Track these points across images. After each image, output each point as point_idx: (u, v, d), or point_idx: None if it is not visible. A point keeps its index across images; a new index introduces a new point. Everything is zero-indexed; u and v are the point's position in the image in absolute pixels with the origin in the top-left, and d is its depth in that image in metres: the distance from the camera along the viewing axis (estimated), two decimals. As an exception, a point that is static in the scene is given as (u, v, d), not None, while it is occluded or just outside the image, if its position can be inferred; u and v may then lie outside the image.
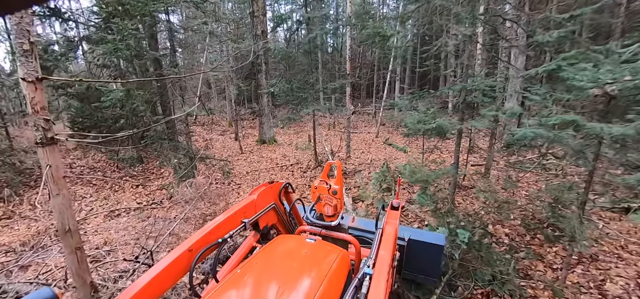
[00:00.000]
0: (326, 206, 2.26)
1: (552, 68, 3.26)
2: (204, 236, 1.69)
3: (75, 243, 1.95)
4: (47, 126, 1.67)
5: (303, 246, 1.86)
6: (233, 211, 1.94)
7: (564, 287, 3.04)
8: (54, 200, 1.81)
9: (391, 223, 2.17)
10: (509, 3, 5.57)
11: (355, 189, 6.22)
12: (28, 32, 1.54)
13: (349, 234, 2.30)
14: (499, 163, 7.56)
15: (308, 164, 7.92)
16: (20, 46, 1.52)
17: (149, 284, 1.36)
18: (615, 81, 2.36)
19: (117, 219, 5.55)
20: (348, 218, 2.98)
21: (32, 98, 1.63)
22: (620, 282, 3.19)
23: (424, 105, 6.22)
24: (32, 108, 1.65)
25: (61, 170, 1.78)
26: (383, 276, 1.45)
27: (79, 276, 2.01)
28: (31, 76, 1.60)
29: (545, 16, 4.15)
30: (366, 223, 3.05)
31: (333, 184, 2.23)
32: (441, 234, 3.03)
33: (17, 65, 1.72)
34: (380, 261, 1.60)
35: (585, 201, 2.70)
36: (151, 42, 7.42)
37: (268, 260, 1.72)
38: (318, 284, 1.45)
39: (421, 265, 2.88)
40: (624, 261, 3.55)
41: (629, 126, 2.06)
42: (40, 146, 1.68)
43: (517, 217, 4.43)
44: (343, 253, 1.82)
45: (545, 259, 3.63)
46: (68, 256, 1.94)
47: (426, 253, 2.81)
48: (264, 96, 10.17)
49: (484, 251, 3.55)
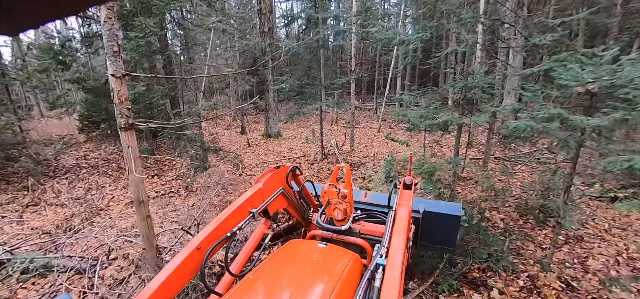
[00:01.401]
0: (336, 210, 2.25)
1: (545, 68, 3.64)
2: (211, 233, 1.66)
3: (146, 212, 2.30)
4: (128, 114, 2.03)
5: (315, 251, 1.85)
6: (240, 203, 1.92)
7: (551, 263, 3.44)
8: (132, 176, 2.17)
9: (404, 206, 2.13)
10: (507, 8, 5.90)
11: (361, 180, 6.59)
12: (117, 37, 1.89)
13: (360, 238, 2.30)
14: (495, 154, 7.95)
15: (315, 157, 8.30)
16: (111, 49, 1.86)
17: (160, 288, 1.35)
18: (596, 81, 2.73)
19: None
20: (361, 194, 3.06)
21: (118, 91, 1.98)
22: (602, 259, 3.60)
23: (426, 101, 6.59)
24: (118, 99, 2.00)
25: (137, 151, 2.13)
26: (397, 267, 1.40)
27: (148, 240, 2.37)
28: (119, 73, 1.94)
29: (540, 21, 4.49)
30: (379, 198, 3.01)
31: (343, 188, 2.22)
32: (458, 204, 2.97)
33: (107, 63, 2.03)
34: (393, 250, 1.56)
35: (570, 186, 3.09)
36: (161, 39, 7.74)
37: (280, 266, 1.69)
38: (331, 290, 1.43)
39: (438, 236, 2.88)
40: (606, 242, 3.96)
41: (604, 118, 2.43)
42: (123, 131, 2.03)
43: (511, 204, 4.83)
44: (355, 258, 1.81)
45: (536, 241, 4.03)
46: (141, 222, 2.30)
47: (443, 224, 2.81)
48: (270, 91, 10.49)
49: (481, 233, 3.94)
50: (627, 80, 2.57)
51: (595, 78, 2.75)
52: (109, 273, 3.34)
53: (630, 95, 2.44)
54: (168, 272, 1.42)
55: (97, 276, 3.24)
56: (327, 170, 7.48)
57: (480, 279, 3.35)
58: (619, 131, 2.56)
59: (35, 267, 3.51)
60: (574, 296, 3.03)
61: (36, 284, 3.42)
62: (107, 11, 1.90)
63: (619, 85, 2.58)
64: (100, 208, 5.74)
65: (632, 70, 2.58)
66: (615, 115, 2.33)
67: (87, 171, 7.97)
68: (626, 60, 2.74)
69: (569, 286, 3.17)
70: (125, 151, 2.06)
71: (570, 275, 3.32)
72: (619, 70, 2.68)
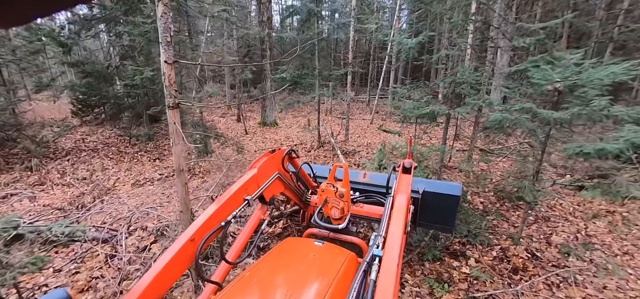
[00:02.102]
0: (333, 208, 2.24)
1: (522, 68, 4.11)
2: (205, 223, 1.64)
3: (185, 179, 2.65)
4: (175, 95, 2.36)
5: (311, 249, 1.85)
6: (233, 191, 1.89)
7: (521, 237, 3.98)
8: (175, 147, 2.50)
9: (403, 191, 2.10)
10: (494, 10, 6.35)
11: (355, 167, 7.04)
12: (170, 29, 2.19)
13: (356, 237, 2.30)
14: (477, 142, 8.53)
15: (311, 145, 8.69)
16: (165, 39, 2.17)
17: (153, 282, 1.33)
18: (562, 80, 3.21)
19: (143, 187, 6.19)
20: (360, 174, 3.11)
21: (169, 75, 2.31)
22: (563, 235, 4.17)
23: (418, 94, 7.04)
24: (168, 82, 2.33)
25: (180, 126, 2.46)
26: (394, 259, 1.36)
27: (185, 204, 2.72)
28: (170, 60, 2.26)
29: (522, 25, 4.95)
30: (378, 178, 3.03)
31: (340, 187, 2.22)
32: (458, 184, 2.97)
33: (160, 51, 2.33)
34: (390, 239, 1.51)
35: (538, 171, 3.59)
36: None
37: (275, 264, 1.69)
38: (326, 288, 1.42)
39: (437, 216, 2.89)
40: (569, 222, 4.54)
41: (566, 112, 2.91)
42: (170, 109, 2.36)
43: (490, 189, 5.37)
44: (351, 256, 1.80)
45: (509, 220, 4.58)
46: (180, 188, 2.64)
47: (442, 203, 2.82)
48: (268, 80, 10.74)
49: (463, 213, 4.45)
50: (587, 80, 3.05)
51: (562, 78, 3.23)
52: (131, 242, 3.68)
53: (587, 93, 2.92)
54: (161, 265, 1.39)
55: (120, 244, 3.57)
56: (323, 157, 7.89)
57: (460, 251, 3.85)
58: (577, 123, 3.04)
59: (55, 234, 3.82)
60: (537, 264, 3.57)
61: (59, 252, 3.72)
62: (163, 7, 2.20)
63: (580, 84, 3.07)
64: (108, 188, 5.98)
65: (591, 72, 3.06)
66: (573, 110, 2.80)
67: (87, 153, 8.12)
68: (587, 63, 3.22)
69: (534, 255, 3.71)
70: (171, 126, 2.39)
71: (535, 247, 3.86)
72: (581, 72, 3.17)
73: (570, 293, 3.11)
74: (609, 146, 2.49)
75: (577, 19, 11.88)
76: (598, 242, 4.04)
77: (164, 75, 2.31)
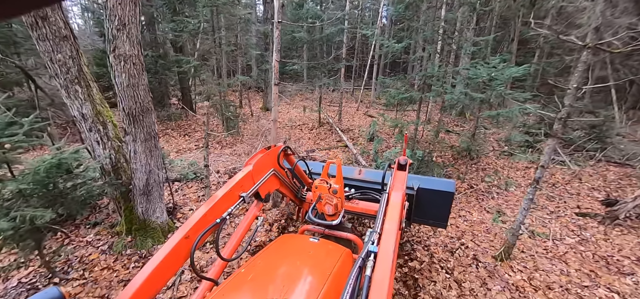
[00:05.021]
0: (327, 205, 2.22)
1: (467, 68, 6.26)
2: (200, 220, 1.65)
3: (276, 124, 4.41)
4: (277, 78, 4.12)
5: (306, 246, 1.86)
6: (229, 188, 1.90)
7: (465, 179, 6.18)
8: (274, 107, 4.26)
9: (398, 188, 2.10)
10: (457, 17, 8.51)
11: (351, 140, 9.03)
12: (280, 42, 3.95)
13: (350, 233, 2.31)
14: (444, 123, 10.86)
15: (313, 125, 10.57)
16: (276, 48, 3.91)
17: (148, 279, 1.34)
18: (487, 75, 5.35)
19: (187, 154, 7.76)
20: (355, 170, 3.16)
21: (275, 67, 4.06)
22: (492, 178, 6.44)
23: (400, 84, 9.16)
24: (275, 71, 4.09)
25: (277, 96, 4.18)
26: (389, 255, 1.37)
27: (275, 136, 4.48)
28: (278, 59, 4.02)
29: (468, 37, 7.13)
30: (373, 174, 3.07)
31: (333, 183, 2.21)
32: (452, 181, 3.03)
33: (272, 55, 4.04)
34: (385, 236, 1.52)
35: (474, 132, 5.76)
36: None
37: (271, 260, 1.70)
38: (321, 284, 1.43)
39: (431, 211, 2.92)
40: (499, 171, 6.85)
41: (484, 94, 5.04)
42: (275, 85, 4.13)
43: (448, 152, 7.60)
44: (346, 252, 1.81)
45: (460, 169, 6.80)
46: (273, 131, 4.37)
47: (436, 199, 2.84)
48: (271, 69, 12.39)
49: (428, 166, 6.60)
50: (500, 76, 5.21)
51: (487, 73, 5.37)
52: (212, 178, 5.40)
53: (497, 84, 5.08)
54: (155, 262, 1.40)
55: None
56: (324, 134, 9.79)
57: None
58: (492, 101, 5.19)
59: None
60: (473, 192, 5.76)
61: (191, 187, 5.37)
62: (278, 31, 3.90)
63: (495, 78, 5.22)
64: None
65: (501, 71, 5.22)
66: (490, 93, 4.95)
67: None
68: (501, 66, 5.39)
69: (471, 187, 5.92)
70: (274, 97, 4.18)
71: (474, 183, 6.08)
72: (497, 70, 5.33)
73: (488, 202, 5.32)
74: (503, 112, 4.64)
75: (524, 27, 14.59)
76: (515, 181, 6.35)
77: (273, 67, 4.07)
